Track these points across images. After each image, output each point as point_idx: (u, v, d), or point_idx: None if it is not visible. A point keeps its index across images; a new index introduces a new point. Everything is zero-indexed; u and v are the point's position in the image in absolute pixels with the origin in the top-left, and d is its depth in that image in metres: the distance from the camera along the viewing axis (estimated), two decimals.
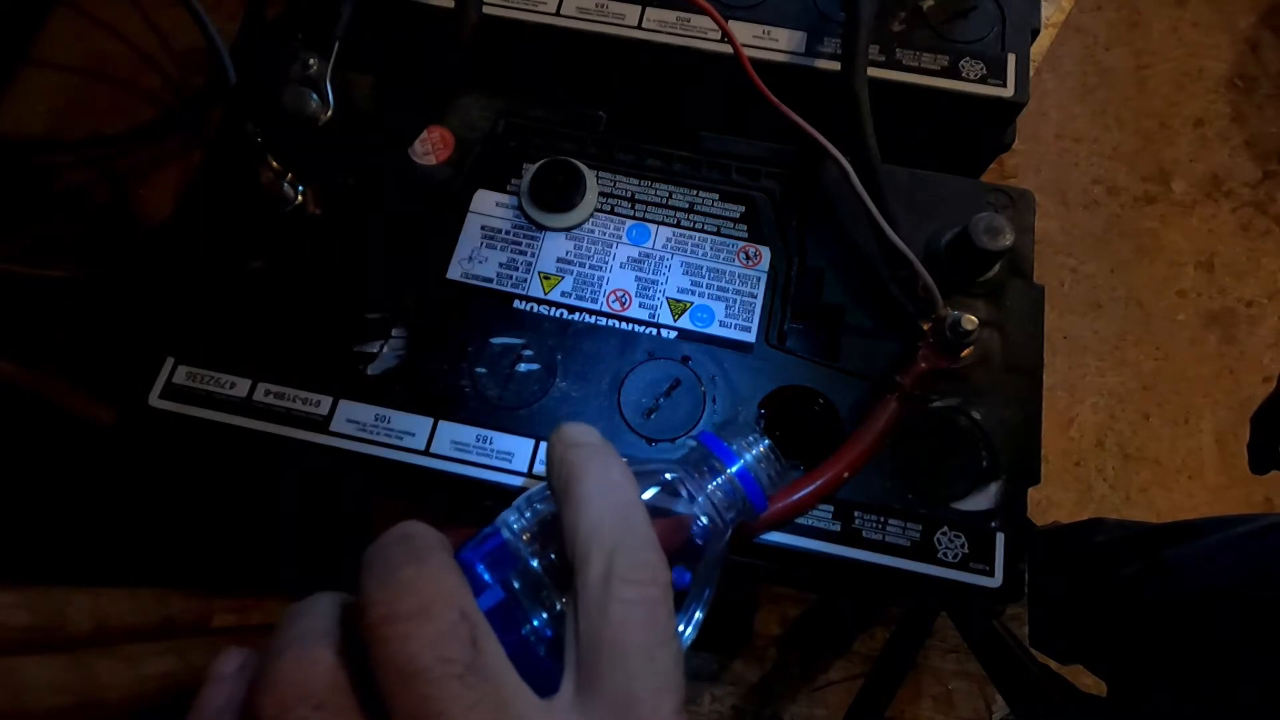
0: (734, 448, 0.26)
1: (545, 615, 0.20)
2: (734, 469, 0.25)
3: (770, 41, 0.42)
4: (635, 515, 0.20)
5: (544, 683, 0.18)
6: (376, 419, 0.35)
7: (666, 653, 0.19)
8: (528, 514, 0.22)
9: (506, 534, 0.21)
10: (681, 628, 0.23)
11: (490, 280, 0.38)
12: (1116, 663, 0.57)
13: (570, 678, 0.18)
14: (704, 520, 0.25)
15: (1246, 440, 0.52)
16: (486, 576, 0.20)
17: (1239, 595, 0.47)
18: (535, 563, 0.21)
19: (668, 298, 0.37)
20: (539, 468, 0.34)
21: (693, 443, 0.27)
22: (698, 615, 0.24)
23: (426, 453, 0.34)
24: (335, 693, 0.17)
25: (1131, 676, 0.55)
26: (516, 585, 0.20)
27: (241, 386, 0.35)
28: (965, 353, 0.36)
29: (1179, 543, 0.54)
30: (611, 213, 0.39)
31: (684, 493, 0.25)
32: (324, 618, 0.18)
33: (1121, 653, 0.56)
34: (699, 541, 0.24)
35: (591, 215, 0.39)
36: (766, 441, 0.26)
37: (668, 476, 0.25)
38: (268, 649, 0.18)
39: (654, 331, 0.37)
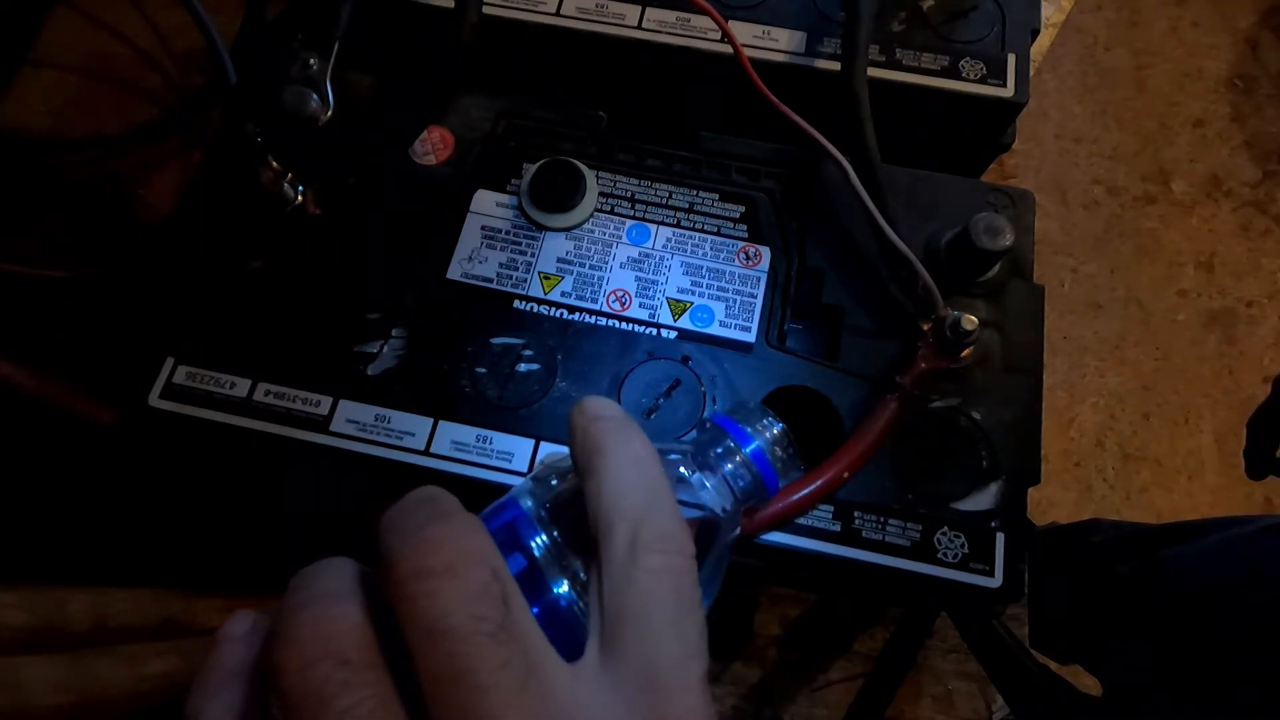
0: (748, 430, 0.26)
1: (565, 584, 0.20)
2: (748, 449, 0.25)
3: (770, 41, 0.42)
4: (659, 488, 0.20)
5: (561, 652, 0.18)
6: (376, 419, 0.35)
7: (691, 621, 0.19)
8: (546, 485, 0.22)
9: (526, 504, 0.21)
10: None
11: (490, 280, 0.38)
12: (1115, 663, 0.57)
13: (595, 644, 0.18)
14: (716, 502, 0.25)
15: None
16: (505, 545, 0.20)
17: (1238, 595, 0.47)
18: (555, 533, 0.21)
19: (668, 298, 0.37)
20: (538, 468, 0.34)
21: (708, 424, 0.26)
22: (707, 603, 0.23)
23: (426, 453, 0.34)
24: (361, 649, 0.16)
25: (1130, 676, 0.55)
26: (536, 554, 0.20)
27: (241, 386, 0.35)
28: (965, 353, 0.36)
29: (1177, 543, 0.54)
30: (611, 213, 0.39)
31: (696, 474, 0.25)
32: (344, 577, 0.18)
33: (1120, 653, 0.56)
34: (711, 521, 0.24)
35: (591, 215, 0.39)
36: (780, 425, 0.26)
37: (680, 457, 0.25)
38: (284, 607, 0.17)
39: (654, 331, 0.37)
